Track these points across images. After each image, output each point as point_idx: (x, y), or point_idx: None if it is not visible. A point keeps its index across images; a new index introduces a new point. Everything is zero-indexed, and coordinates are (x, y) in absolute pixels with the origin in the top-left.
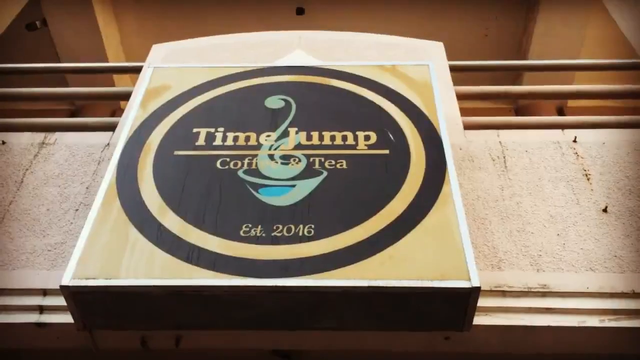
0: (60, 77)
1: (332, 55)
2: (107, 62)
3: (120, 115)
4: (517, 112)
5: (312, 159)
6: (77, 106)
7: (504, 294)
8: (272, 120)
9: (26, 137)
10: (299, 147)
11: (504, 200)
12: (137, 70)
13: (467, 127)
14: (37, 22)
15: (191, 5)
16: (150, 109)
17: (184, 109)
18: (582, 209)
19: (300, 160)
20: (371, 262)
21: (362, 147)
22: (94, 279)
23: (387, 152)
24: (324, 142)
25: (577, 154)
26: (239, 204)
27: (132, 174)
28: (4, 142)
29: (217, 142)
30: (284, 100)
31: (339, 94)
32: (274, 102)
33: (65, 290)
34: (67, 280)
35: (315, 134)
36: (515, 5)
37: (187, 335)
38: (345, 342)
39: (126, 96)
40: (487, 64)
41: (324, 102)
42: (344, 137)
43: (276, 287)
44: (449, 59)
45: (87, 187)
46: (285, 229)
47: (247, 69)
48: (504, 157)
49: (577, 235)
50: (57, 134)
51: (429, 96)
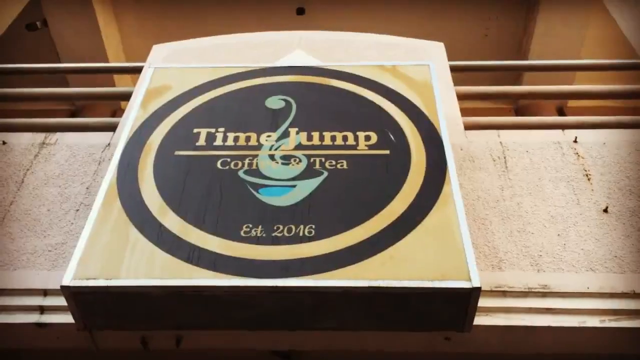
0: (60, 77)
1: (333, 55)
2: (108, 62)
3: (120, 115)
4: (518, 112)
5: (312, 159)
6: (78, 106)
7: (504, 294)
8: (273, 120)
9: (27, 138)
10: (299, 147)
11: (504, 200)
12: (138, 70)
13: (468, 127)
14: (37, 23)
15: (191, 5)
16: (150, 109)
17: (185, 109)
18: (582, 209)
19: (300, 160)
20: (372, 262)
21: (362, 148)
22: (94, 279)
23: (387, 152)
24: (324, 143)
25: (577, 154)
26: (240, 204)
27: (133, 174)
28: (4, 143)
29: (218, 142)
30: (285, 100)
31: (340, 94)
32: (275, 102)
33: (65, 290)
34: (68, 280)
35: (315, 134)
36: (515, 5)
37: (187, 335)
38: (345, 342)
39: (127, 96)
40: (488, 64)
41: (325, 102)
42: (345, 138)
43: (276, 287)
44: (449, 59)
45: (87, 188)
46: (285, 229)
47: (247, 69)
48: (505, 157)
49: (578, 235)
50: (58, 134)
51: (430, 96)
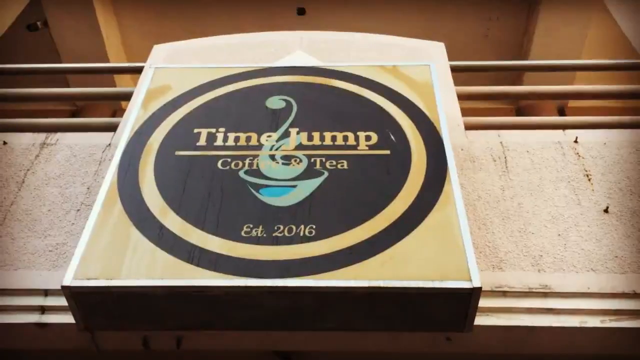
0: (61, 77)
1: (333, 55)
2: (108, 62)
3: (121, 115)
4: (518, 113)
5: (313, 160)
6: (79, 106)
7: (505, 294)
8: (273, 120)
9: (27, 138)
10: (300, 147)
11: (505, 200)
12: (138, 70)
13: (468, 127)
14: (38, 23)
15: (192, 5)
16: (151, 110)
17: (185, 109)
18: (583, 210)
19: (301, 160)
20: (372, 262)
21: (363, 148)
22: (95, 279)
23: (388, 152)
24: (325, 143)
25: (578, 154)
26: (240, 204)
27: (134, 175)
28: (5, 143)
29: (218, 142)
30: (285, 100)
31: (340, 95)
32: (275, 102)
33: (66, 290)
34: (69, 280)
35: (316, 135)
36: (516, 5)
37: (188, 335)
38: (346, 342)
39: (127, 96)
40: (488, 64)
41: (325, 102)
42: (345, 138)
43: (277, 287)
44: (450, 59)
45: (88, 188)
46: (286, 229)
47: (248, 70)
48: (505, 158)
49: (578, 235)
50: (59, 135)
51: (430, 96)
